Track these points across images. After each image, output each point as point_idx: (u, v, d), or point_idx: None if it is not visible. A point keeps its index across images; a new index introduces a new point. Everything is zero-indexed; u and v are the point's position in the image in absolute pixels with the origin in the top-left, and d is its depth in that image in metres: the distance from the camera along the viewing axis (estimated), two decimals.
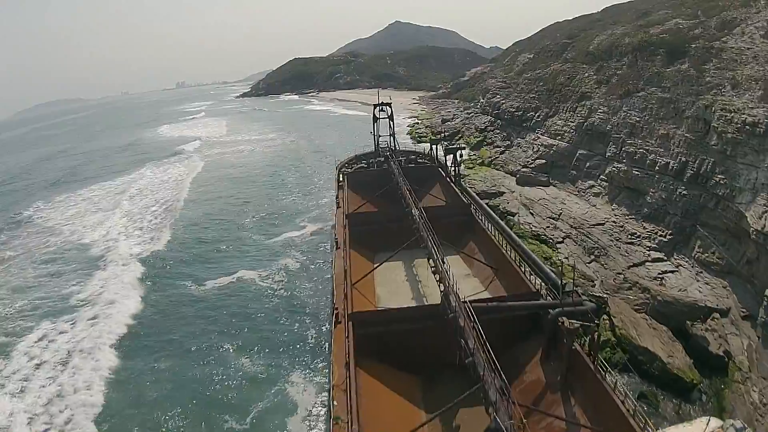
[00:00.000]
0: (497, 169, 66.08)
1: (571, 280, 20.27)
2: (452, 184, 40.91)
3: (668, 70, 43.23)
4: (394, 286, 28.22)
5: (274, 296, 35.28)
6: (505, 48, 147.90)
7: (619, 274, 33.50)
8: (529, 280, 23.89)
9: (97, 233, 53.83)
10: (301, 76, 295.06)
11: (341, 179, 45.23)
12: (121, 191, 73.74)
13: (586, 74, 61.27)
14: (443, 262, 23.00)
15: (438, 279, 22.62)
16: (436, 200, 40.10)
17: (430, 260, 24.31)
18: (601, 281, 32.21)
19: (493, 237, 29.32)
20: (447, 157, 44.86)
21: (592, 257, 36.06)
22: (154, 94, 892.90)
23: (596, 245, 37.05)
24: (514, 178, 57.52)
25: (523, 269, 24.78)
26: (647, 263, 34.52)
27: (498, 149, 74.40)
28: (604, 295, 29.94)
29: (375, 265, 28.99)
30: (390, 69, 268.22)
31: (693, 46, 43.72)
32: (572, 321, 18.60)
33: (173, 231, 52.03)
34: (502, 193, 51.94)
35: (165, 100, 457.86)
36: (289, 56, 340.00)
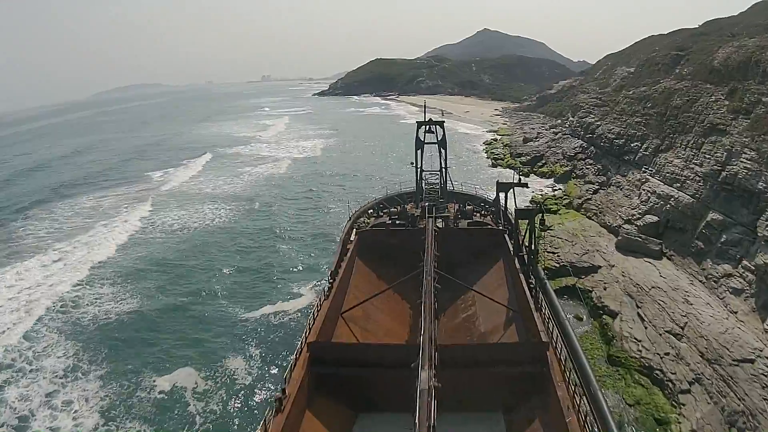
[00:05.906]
0: (589, 218, 52.52)
1: None
2: (521, 277, 24.97)
3: None
4: None
5: None
6: (593, 62, 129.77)
7: None
8: None
9: None
10: (381, 78, 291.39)
11: (351, 238, 30.94)
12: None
13: (713, 97, 46.08)
14: None
15: None
16: (489, 311, 24.72)
17: None
18: None
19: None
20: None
21: None
22: (237, 85, 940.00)
23: (742, 406, 23.20)
24: (613, 239, 43.95)
25: None
26: None
27: (591, 186, 60.42)
28: None
29: None
30: (474, 76, 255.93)
31: None
32: None
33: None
34: (597, 268, 38.63)
35: (238, 93, 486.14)
36: (376, 57, 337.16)
